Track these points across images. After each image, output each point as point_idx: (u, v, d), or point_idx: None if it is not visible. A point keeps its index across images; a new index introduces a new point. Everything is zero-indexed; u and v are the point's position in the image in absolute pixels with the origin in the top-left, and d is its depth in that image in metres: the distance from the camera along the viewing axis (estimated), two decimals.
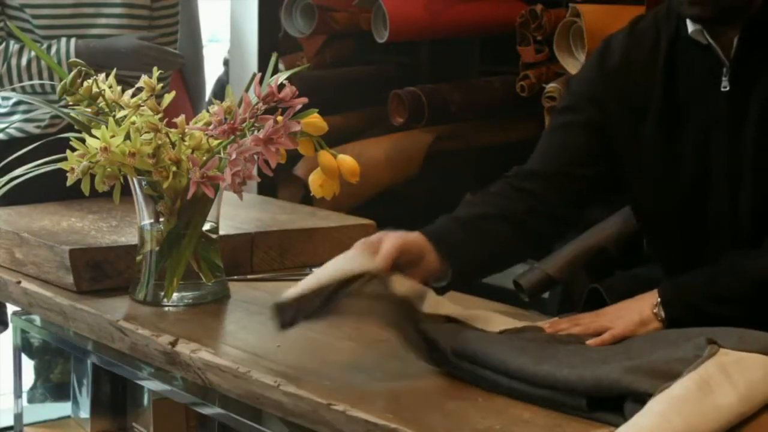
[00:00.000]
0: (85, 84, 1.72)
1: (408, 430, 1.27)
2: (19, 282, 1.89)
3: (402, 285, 1.51)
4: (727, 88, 1.70)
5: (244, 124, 1.62)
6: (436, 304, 1.62)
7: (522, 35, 3.05)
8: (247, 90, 1.66)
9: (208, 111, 1.72)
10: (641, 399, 1.29)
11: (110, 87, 1.74)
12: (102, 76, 1.75)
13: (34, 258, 1.89)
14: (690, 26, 1.73)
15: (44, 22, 2.49)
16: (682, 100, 1.75)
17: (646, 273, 1.99)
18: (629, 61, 1.80)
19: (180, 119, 1.68)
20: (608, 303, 1.83)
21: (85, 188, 1.66)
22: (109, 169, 1.64)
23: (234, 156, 1.61)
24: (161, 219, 1.72)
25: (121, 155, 1.62)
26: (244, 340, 1.62)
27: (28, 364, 2.33)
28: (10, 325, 2.11)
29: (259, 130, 1.62)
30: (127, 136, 1.63)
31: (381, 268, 1.51)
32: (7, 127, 2.48)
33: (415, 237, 1.64)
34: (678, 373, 1.34)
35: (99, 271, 1.82)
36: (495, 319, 1.62)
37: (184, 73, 3.45)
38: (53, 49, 2.44)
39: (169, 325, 1.67)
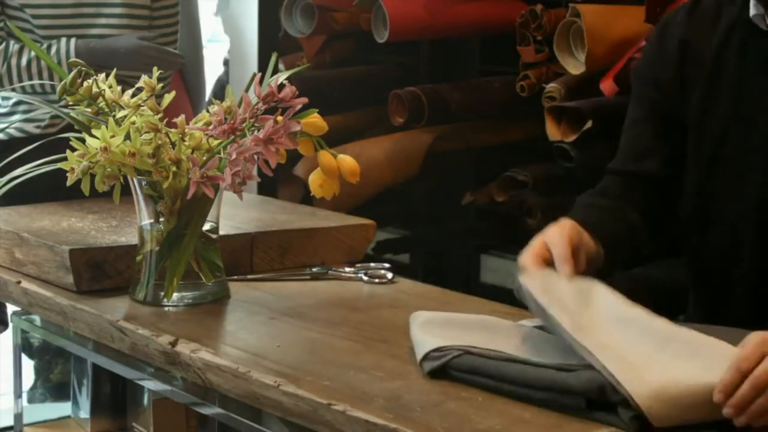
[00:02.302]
0: (85, 84, 1.72)
1: (408, 430, 1.27)
2: (19, 282, 1.89)
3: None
4: None
5: (244, 124, 1.62)
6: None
7: (522, 35, 3.04)
8: (247, 90, 1.66)
9: (208, 111, 1.72)
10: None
11: (110, 87, 1.74)
12: (102, 76, 1.75)
13: (34, 258, 1.89)
14: (753, 9, 1.68)
15: (44, 22, 2.49)
16: (729, 83, 1.71)
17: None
18: (687, 36, 1.77)
19: (180, 119, 1.68)
20: None
21: (85, 188, 1.66)
22: (109, 169, 1.64)
23: (234, 156, 1.61)
24: (161, 219, 1.72)
25: (121, 155, 1.62)
26: (244, 340, 1.62)
27: (28, 364, 2.33)
28: (10, 325, 2.11)
29: (259, 130, 1.62)
30: (127, 136, 1.63)
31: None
32: (7, 127, 2.48)
33: (572, 227, 1.61)
34: None
35: (99, 271, 1.82)
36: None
37: (184, 73, 3.45)
38: (53, 49, 2.44)
39: (169, 325, 1.67)
